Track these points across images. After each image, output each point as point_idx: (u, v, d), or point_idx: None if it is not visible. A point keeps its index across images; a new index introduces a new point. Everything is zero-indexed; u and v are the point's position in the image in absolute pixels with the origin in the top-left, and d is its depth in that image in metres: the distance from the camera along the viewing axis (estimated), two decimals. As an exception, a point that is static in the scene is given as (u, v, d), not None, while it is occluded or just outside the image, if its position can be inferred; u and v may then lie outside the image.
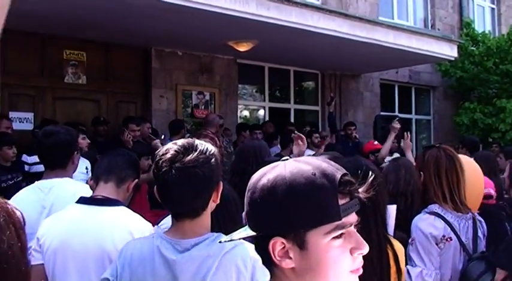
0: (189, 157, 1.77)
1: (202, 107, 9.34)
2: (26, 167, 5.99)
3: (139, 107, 8.77)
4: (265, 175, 1.13)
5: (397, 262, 1.89)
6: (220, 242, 1.40)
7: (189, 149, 1.80)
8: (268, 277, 1.17)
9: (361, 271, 1.13)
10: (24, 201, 2.91)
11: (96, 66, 8.24)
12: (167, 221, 2.24)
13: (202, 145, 1.85)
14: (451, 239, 2.79)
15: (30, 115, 7.48)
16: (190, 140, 1.88)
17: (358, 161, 2.23)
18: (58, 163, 3.01)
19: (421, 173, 2.99)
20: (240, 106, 10.30)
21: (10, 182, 5.40)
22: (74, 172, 3.15)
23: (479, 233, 2.87)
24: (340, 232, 1.09)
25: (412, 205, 3.12)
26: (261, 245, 1.12)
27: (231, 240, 1.23)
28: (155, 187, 1.89)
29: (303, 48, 8.73)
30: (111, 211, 2.42)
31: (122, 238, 2.32)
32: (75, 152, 3.10)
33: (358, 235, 1.13)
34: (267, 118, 10.55)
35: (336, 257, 1.09)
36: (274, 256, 1.10)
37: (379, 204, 2.12)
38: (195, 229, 1.86)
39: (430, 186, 2.92)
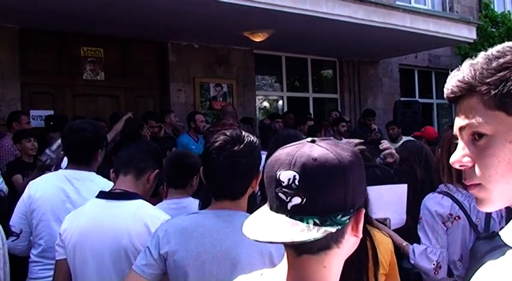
0: (236, 147, 1.95)
1: (221, 99, 9.35)
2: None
3: (158, 102, 8.82)
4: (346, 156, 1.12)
5: (375, 255, 1.86)
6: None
7: (236, 140, 1.97)
8: None
9: None
10: (46, 185, 2.98)
11: (114, 62, 8.31)
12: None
13: (249, 137, 2.02)
14: (460, 218, 2.75)
15: (50, 113, 7.53)
16: (238, 132, 2.04)
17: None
18: (82, 160, 3.04)
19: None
20: (258, 97, 10.30)
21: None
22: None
23: (494, 214, 2.79)
24: None
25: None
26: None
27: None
28: (201, 168, 2.07)
29: (319, 36, 8.67)
30: (127, 204, 2.42)
31: (138, 231, 2.34)
32: (100, 150, 3.10)
33: None
34: (285, 108, 10.52)
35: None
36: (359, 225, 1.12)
37: None
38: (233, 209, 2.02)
39: (440, 164, 2.88)
